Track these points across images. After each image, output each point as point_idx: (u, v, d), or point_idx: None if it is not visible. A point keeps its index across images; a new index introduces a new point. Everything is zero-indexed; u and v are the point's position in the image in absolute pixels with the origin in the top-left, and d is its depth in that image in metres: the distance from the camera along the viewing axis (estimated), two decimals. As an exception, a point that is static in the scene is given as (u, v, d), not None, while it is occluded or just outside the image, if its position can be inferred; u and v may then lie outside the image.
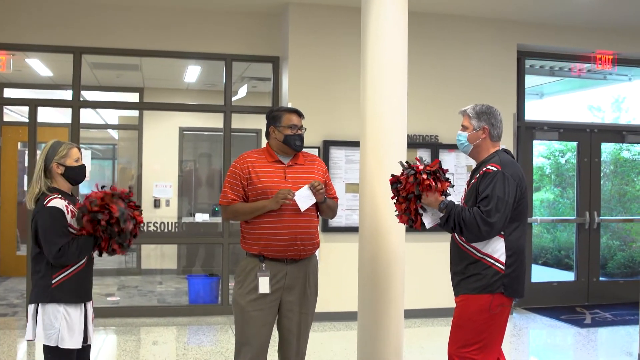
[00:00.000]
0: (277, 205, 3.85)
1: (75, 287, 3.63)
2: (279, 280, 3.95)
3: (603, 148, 9.02)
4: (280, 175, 4.01)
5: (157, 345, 6.62)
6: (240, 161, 4.05)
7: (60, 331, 3.57)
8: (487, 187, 3.59)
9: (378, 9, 5.07)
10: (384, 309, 5.00)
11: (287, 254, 3.94)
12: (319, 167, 4.19)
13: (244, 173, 3.99)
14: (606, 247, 9.38)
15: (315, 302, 4.19)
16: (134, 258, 11.11)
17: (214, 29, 7.70)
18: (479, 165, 3.80)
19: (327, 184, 4.19)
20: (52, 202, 3.56)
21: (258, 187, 3.95)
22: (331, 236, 7.44)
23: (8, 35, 7.32)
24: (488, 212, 3.53)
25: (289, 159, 4.10)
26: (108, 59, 8.43)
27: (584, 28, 8.28)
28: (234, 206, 4.00)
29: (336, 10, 7.47)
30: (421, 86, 7.56)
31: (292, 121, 4.06)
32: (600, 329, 7.50)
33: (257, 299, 3.93)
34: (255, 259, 3.97)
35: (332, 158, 7.45)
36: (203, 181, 11.76)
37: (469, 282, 3.66)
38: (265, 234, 3.92)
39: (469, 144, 3.85)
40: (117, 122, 12.20)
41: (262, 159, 4.05)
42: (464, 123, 3.87)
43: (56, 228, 3.52)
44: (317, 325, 7.20)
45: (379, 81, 5.06)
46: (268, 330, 4.00)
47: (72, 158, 3.71)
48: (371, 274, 5.05)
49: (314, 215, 4.06)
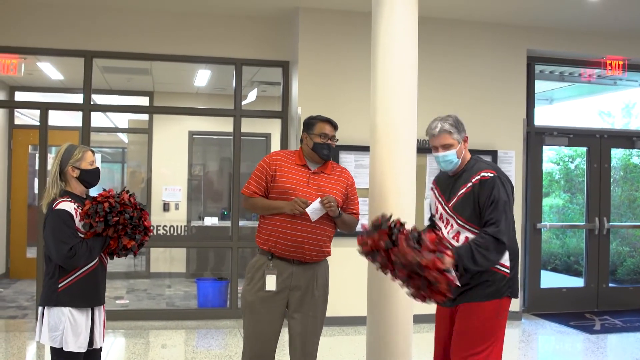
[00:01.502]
0: (291, 211, 3.96)
1: (82, 291, 3.65)
2: (285, 279, 4.06)
3: (613, 154, 9.00)
4: (304, 179, 4.12)
5: (166, 349, 6.64)
6: (271, 157, 4.20)
7: (64, 334, 3.59)
8: (491, 194, 3.55)
9: (389, 15, 5.07)
10: (393, 314, 4.99)
11: (293, 255, 4.04)
12: (345, 180, 4.27)
13: (271, 169, 4.13)
14: (616, 253, 9.34)
15: (324, 306, 4.24)
16: (143, 261, 11.13)
17: (224, 33, 7.73)
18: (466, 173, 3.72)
19: (349, 199, 4.27)
20: (61, 204, 3.59)
21: (280, 185, 4.07)
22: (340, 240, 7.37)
23: (20, 39, 7.36)
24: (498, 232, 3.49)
25: (317, 166, 4.20)
26: (118, 63, 8.47)
27: (594, 33, 8.26)
28: (254, 199, 4.16)
29: (346, 15, 7.48)
30: (431, 91, 7.55)
31: (324, 130, 4.18)
32: (610, 335, 7.47)
33: (264, 296, 4.05)
34: (264, 257, 4.09)
35: (342, 162, 7.46)
36: (212, 185, 11.78)
37: (478, 290, 3.63)
38: (276, 232, 4.04)
39: (459, 160, 3.76)
40: (127, 125, 12.24)
41: (292, 161, 4.18)
42: (447, 142, 3.74)
43: (65, 230, 3.55)
44: (326, 329, 7.17)
45: (389, 86, 5.06)
46: (275, 328, 4.10)
47: (87, 161, 3.75)
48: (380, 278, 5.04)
49: (328, 225, 4.13)
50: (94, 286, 3.72)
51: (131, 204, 3.63)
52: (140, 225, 3.67)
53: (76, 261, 3.56)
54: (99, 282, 3.77)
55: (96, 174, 3.81)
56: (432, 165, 7.71)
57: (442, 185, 3.90)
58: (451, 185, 3.78)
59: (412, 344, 5.14)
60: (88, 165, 3.76)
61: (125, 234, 3.63)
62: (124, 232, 3.62)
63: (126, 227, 3.61)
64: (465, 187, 3.67)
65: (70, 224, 3.57)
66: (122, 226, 3.60)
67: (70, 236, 3.55)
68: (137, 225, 3.64)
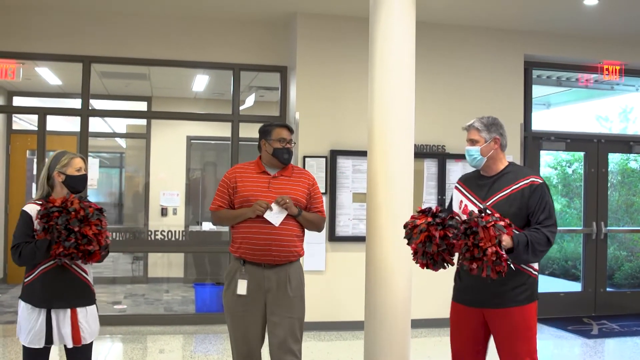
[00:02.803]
0: (253, 213, 4.10)
1: (38, 290, 3.79)
2: (258, 282, 4.16)
3: (610, 158, 9.01)
4: (264, 185, 4.24)
5: (163, 354, 6.63)
6: (230, 171, 4.38)
7: (20, 325, 3.83)
8: (543, 200, 3.73)
9: (386, 20, 5.09)
10: (391, 319, 5.00)
11: (263, 258, 4.14)
12: (306, 180, 4.36)
13: (231, 182, 4.30)
14: (613, 258, 9.35)
15: (302, 307, 4.29)
16: (141, 266, 11.13)
17: (222, 38, 7.75)
18: (509, 175, 3.86)
19: (312, 198, 4.36)
20: (27, 206, 3.81)
21: (242, 194, 4.22)
22: (338, 245, 7.45)
23: (18, 44, 7.37)
24: (552, 234, 3.68)
25: (277, 170, 4.33)
26: (117, 68, 8.48)
27: (592, 38, 8.29)
28: (220, 212, 4.33)
29: (344, 20, 7.50)
30: (428, 96, 7.57)
31: (281, 135, 4.31)
32: (608, 339, 7.47)
33: (240, 300, 4.19)
34: (237, 262, 4.23)
35: (339, 167, 7.47)
36: (210, 190, 11.78)
37: (516, 293, 3.73)
38: (246, 239, 4.17)
39: (482, 157, 3.88)
40: (125, 130, 12.24)
41: (251, 170, 4.33)
42: (473, 137, 3.91)
43: (19, 229, 3.79)
44: (324, 334, 7.20)
45: (387, 91, 5.08)
46: (256, 330, 4.21)
47: (73, 167, 3.88)
48: (378, 283, 5.06)
49: (293, 225, 4.21)
50: (50, 287, 3.79)
51: (76, 211, 3.63)
52: (76, 233, 3.63)
53: (22, 259, 3.74)
54: (58, 284, 3.81)
55: (81, 180, 3.92)
56: (430, 170, 7.72)
57: (472, 184, 3.99)
58: (488, 185, 3.89)
59: (410, 349, 5.15)
60: (74, 172, 3.88)
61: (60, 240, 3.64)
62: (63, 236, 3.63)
63: (61, 232, 3.62)
64: (510, 188, 3.80)
65: (25, 224, 3.77)
66: (58, 232, 3.62)
67: (20, 235, 3.76)
68: (72, 231, 3.62)
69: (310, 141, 7.43)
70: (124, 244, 8.33)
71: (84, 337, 3.86)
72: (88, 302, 3.92)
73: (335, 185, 7.47)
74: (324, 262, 7.36)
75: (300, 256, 4.29)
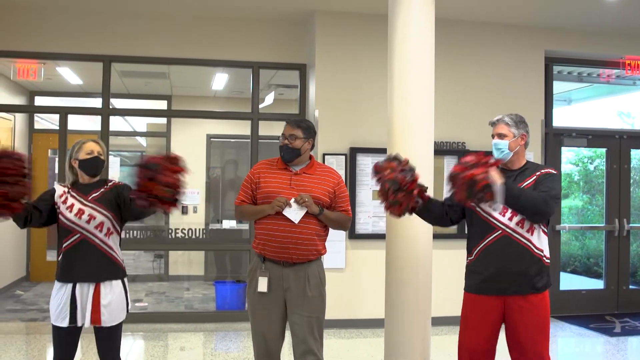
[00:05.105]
0: (272, 210, 4.08)
1: (64, 265, 3.89)
2: (277, 280, 4.16)
3: (633, 154, 8.92)
4: (285, 182, 4.20)
5: (184, 352, 6.66)
6: (255, 167, 4.39)
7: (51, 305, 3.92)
8: (553, 182, 3.79)
9: (405, 17, 5.07)
10: (411, 316, 4.99)
11: (281, 256, 4.13)
12: (330, 179, 4.29)
13: (255, 178, 4.27)
14: (636, 255, 9.25)
15: (322, 306, 4.25)
16: (162, 264, 11.20)
17: (241, 36, 7.76)
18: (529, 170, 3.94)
19: (338, 197, 4.29)
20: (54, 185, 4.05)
21: (264, 190, 4.20)
22: (358, 243, 7.45)
23: (39, 44, 7.44)
24: (548, 195, 3.70)
25: (300, 167, 4.27)
26: (137, 67, 8.53)
27: (613, 34, 8.20)
28: (242, 207, 4.32)
29: (362, 17, 7.48)
30: (448, 93, 7.54)
31: (283, 131, 4.27)
32: (631, 337, 7.41)
33: (261, 297, 4.19)
34: (258, 259, 4.23)
35: (359, 165, 7.46)
36: (230, 188, 11.82)
37: (535, 281, 3.88)
38: (266, 236, 4.15)
39: (509, 152, 3.93)
40: (146, 129, 12.33)
41: (274, 166, 4.29)
42: (502, 131, 3.95)
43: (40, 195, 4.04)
44: (344, 332, 7.21)
45: (406, 88, 5.06)
46: (276, 327, 4.21)
47: (84, 151, 4.02)
48: (398, 281, 5.04)
49: (314, 224, 4.15)
50: (73, 261, 3.88)
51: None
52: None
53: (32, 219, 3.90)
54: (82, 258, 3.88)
55: (92, 163, 4.02)
56: (450, 166, 7.66)
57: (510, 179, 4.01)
58: (512, 178, 3.91)
59: (431, 347, 5.13)
60: (85, 155, 4.01)
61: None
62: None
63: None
64: (530, 179, 3.87)
65: (46, 192, 4.09)
66: None
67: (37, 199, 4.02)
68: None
69: (329, 138, 7.42)
70: (145, 242, 8.37)
71: (103, 320, 3.88)
72: (113, 276, 3.96)
73: (355, 183, 7.46)
74: (344, 259, 7.36)
75: (321, 255, 4.24)
